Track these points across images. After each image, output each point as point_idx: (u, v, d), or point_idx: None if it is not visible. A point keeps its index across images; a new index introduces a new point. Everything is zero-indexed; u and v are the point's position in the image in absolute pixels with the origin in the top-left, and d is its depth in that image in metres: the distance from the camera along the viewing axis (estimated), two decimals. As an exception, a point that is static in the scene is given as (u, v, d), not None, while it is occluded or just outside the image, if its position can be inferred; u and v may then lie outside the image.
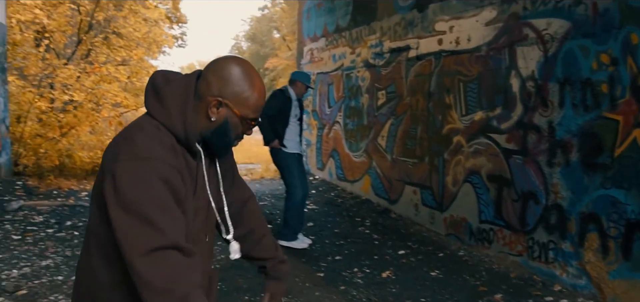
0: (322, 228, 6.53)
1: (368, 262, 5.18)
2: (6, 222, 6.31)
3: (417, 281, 4.71)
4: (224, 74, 1.51)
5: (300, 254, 5.46)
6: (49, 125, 10.19)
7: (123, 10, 14.41)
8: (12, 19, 10.80)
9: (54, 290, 4.33)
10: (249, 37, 59.03)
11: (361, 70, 8.37)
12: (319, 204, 7.89)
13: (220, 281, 4.52)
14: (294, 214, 5.71)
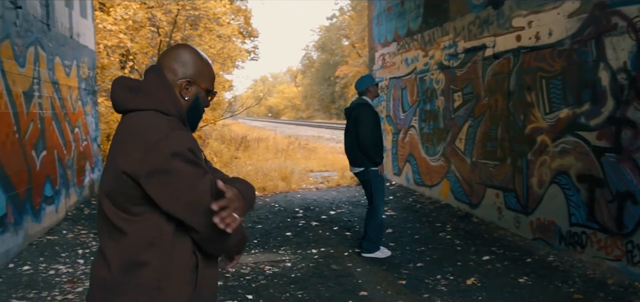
0: (401, 235, 6.42)
1: (451, 269, 5.03)
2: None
3: (505, 288, 4.51)
4: (184, 59, 1.78)
5: (381, 261, 5.39)
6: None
7: (198, 29, 14.98)
8: (100, 44, 11.51)
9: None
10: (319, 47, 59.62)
11: (435, 72, 8.20)
12: (398, 210, 7.78)
13: (301, 289, 4.56)
14: (377, 229, 5.66)
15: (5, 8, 5.62)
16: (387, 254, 5.64)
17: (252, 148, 17.17)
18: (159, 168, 1.56)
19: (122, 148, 1.64)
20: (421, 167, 8.82)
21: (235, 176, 1.88)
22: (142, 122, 1.65)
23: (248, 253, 5.86)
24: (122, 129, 1.69)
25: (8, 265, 5.31)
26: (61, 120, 7.61)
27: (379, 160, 5.58)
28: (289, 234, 6.66)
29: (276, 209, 8.25)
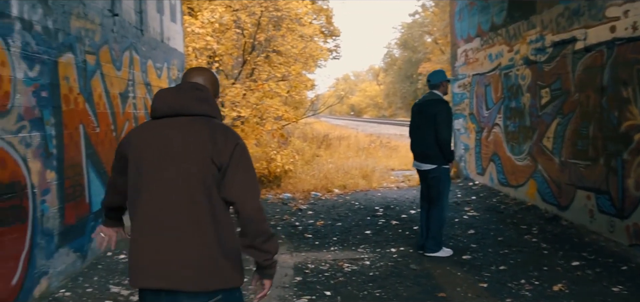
0: (484, 236, 6.23)
1: (536, 274, 4.81)
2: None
3: (596, 296, 4.25)
4: (214, 80, 2.33)
5: (461, 263, 5.26)
6: (221, 140, 11.15)
7: (281, 30, 15.26)
8: (188, 47, 12.06)
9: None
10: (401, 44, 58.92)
11: (521, 68, 7.87)
12: (480, 211, 7.55)
13: (379, 287, 4.55)
14: (441, 228, 5.57)
15: (104, 16, 6.05)
16: (449, 253, 5.53)
17: (333, 146, 17.31)
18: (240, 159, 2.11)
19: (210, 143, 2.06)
20: (506, 167, 8.50)
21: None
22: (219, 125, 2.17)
23: (327, 250, 5.93)
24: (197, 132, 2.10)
25: (107, 253, 5.72)
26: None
27: (452, 157, 5.54)
28: (369, 232, 6.66)
29: (356, 207, 8.28)
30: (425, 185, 5.67)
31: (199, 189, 2.05)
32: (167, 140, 2.10)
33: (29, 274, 4.28)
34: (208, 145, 2.05)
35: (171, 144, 2.09)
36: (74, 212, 5.20)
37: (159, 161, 2.09)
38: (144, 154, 2.13)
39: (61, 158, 4.95)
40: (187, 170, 2.05)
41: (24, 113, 4.32)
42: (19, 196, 4.21)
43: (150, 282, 2.04)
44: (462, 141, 10.73)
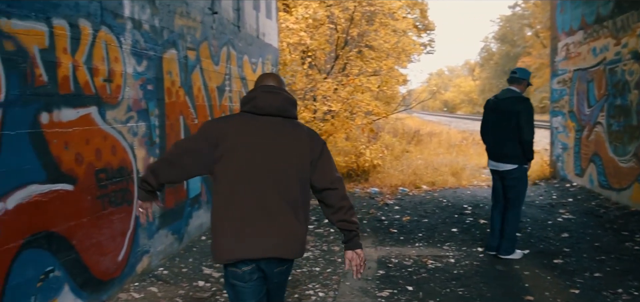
0: (579, 240, 5.93)
1: (637, 284, 4.51)
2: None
3: (702, 310, 3.95)
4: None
5: (552, 266, 5.06)
6: (312, 133, 11.40)
7: (374, 25, 15.28)
8: (282, 43, 12.42)
9: (312, 279, 4.87)
10: (499, 38, 56.73)
11: (628, 63, 7.35)
12: (577, 214, 7.18)
13: (463, 286, 4.50)
14: (516, 229, 5.39)
15: (204, 14, 6.43)
16: (522, 254, 5.36)
17: (424, 142, 17.10)
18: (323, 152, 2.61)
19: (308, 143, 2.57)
20: (608, 169, 8.00)
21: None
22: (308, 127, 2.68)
23: (412, 246, 5.93)
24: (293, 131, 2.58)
25: (201, 237, 6.11)
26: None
27: (533, 157, 5.33)
28: (455, 230, 6.57)
29: (444, 205, 8.17)
30: (501, 185, 5.41)
31: (296, 180, 2.52)
32: (273, 137, 2.53)
33: (133, 251, 4.69)
34: (306, 145, 2.56)
35: (277, 142, 2.53)
36: (173, 197, 5.59)
37: (265, 154, 2.49)
38: (248, 145, 2.50)
39: (163, 146, 5.34)
40: (289, 164, 2.51)
41: (132, 105, 4.72)
42: (126, 180, 4.62)
43: (254, 253, 2.45)
44: (559, 140, 10.21)
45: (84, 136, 4.00)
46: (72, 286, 3.81)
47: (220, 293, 4.53)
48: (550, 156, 10.76)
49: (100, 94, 4.21)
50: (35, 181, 3.45)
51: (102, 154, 4.23)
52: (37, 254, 3.45)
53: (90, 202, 4.05)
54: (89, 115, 4.09)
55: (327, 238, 6.31)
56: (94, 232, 4.08)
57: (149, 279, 4.76)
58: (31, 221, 3.40)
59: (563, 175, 9.91)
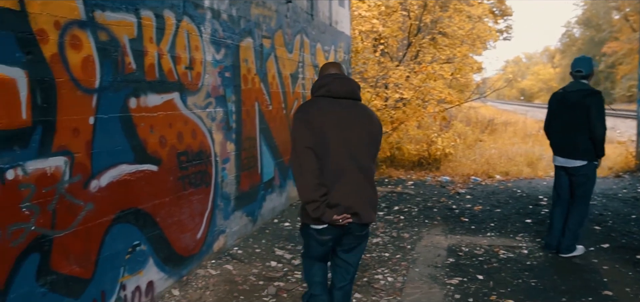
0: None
1: None
2: (347, 204, 7.41)
3: None
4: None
5: (635, 262, 4.82)
6: (383, 121, 11.40)
7: (448, 11, 14.99)
8: (355, 30, 12.46)
9: (381, 264, 4.94)
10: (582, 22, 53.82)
11: None
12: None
13: (536, 277, 4.42)
14: (581, 226, 5.09)
15: (279, 3, 6.60)
16: (583, 250, 5.12)
17: (498, 132, 16.65)
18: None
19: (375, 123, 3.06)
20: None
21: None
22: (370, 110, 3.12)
23: (483, 235, 5.85)
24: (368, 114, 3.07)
25: (273, 220, 6.32)
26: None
27: (603, 154, 4.98)
28: (529, 221, 6.41)
29: (518, 195, 7.96)
30: (568, 182, 5.12)
31: (368, 155, 3.02)
32: (349, 118, 2.98)
33: (210, 231, 4.94)
34: (376, 125, 3.08)
35: (353, 122, 2.97)
36: (248, 180, 5.82)
37: (346, 132, 2.93)
38: (333, 125, 2.91)
39: (239, 132, 5.57)
40: (364, 141, 2.99)
41: (211, 91, 4.96)
42: (205, 162, 4.87)
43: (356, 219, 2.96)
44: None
45: (167, 120, 4.26)
46: (156, 260, 4.09)
47: (291, 273, 4.69)
48: (636, 147, 10.17)
49: (182, 81, 4.46)
50: (125, 162, 3.73)
51: (183, 137, 4.49)
52: (125, 229, 3.74)
53: (173, 183, 4.32)
54: (172, 100, 4.35)
55: (396, 225, 6.34)
56: (175, 211, 4.35)
57: (225, 258, 5.00)
58: (121, 198, 3.68)
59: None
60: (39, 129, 2.98)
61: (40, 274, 3.01)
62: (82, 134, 3.33)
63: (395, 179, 9.40)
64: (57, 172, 3.12)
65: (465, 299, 4.10)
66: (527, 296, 4.11)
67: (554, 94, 5.29)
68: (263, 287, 4.39)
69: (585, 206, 5.08)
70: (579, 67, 5.04)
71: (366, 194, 2.98)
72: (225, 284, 4.45)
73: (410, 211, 7.03)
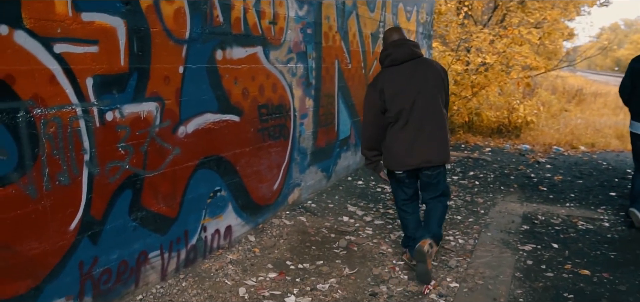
0: None
1: None
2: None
3: None
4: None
5: None
6: (463, 85, 11.15)
7: (540, -29, 14.22)
8: (439, -9, 12.13)
9: (452, 226, 4.95)
10: (694, -12, 49.06)
11: None
12: None
13: (616, 250, 4.28)
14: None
15: (361, -40, 6.57)
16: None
17: (586, 102, 15.78)
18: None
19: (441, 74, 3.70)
20: None
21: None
22: (434, 61, 3.72)
23: (562, 205, 5.68)
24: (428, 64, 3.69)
25: (347, 178, 6.44)
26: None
27: None
28: (614, 194, 6.13)
29: (603, 167, 7.61)
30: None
31: (439, 104, 3.63)
32: (414, 78, 3.59)
33: (287, 183, 5.14)
34: (439, 73, 3.67)
35: (418, 79, 3.59)
36: (325, 137, 5.95)
37: (414, 91, 3.57)
38: (401, 90, 3.57)
39: (318, 88, 5.69)
40: (435, 92, 3.61)
41: (292, 47, 5.08)
42: (284, 116, 5.04)
43: (420, 162, 3.63)
44: None
45: (250, 73, 4.43)
46: (235, 206, 4.34)
47: (363, 229, 4.81)
48: None
49: (266, 35, 4.60)
50: (209, 110, 3.95)
51: (264, 90, 4.66)
52: (208, 174, 3.98)
53: (253, 134, 4.52)
54: (256, 54, 4.51)
55: (471, 190, 6.28)
56: (254, 161, 4.56)
57: (299, 210, 5.19)
58: (205, 145, 3.91)
59: None
60: (134, 75, 3.23)
61: (132, 209, 3.29)
62: (172, 82, 3.55)
63: (472, 145, 9.23)
64: (150, 116, 3.37)
65: (537, 265, 4.05)
66: (605, 267, 3.99)
67: (635, 59, 5.00)
68: (335, 239, 4.54)
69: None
70: None
71: (441, 140, 3.63)
72: (299, 234, 4.64)
73: (486, 177, 6.92)
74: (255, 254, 4.19)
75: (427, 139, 3.60)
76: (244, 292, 3.55)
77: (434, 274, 3.90)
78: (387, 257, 4.22)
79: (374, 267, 4.01)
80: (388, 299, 3.51)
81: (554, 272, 3.92)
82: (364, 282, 3.77)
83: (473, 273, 3.90)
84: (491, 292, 3.60)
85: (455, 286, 3.70)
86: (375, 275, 3.88)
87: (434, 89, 3.60)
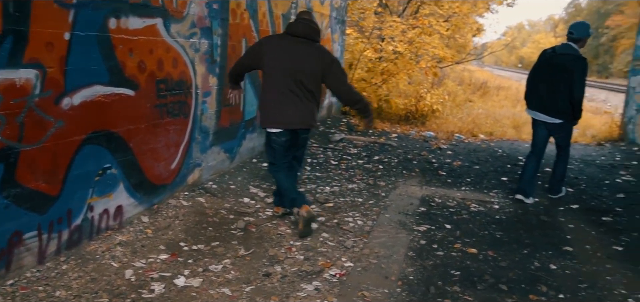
0: (634, 202, 5.68)
1: (686, 249, 4.35)
2: (329, 149, 7.46)
3: None
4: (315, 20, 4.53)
5: (599, 223, 4.93)
6: (374, 72, 11.35)
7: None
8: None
9: (353, 208, 5.01)
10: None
11: None
12: (638, 177, 6.85)
13: (502, 230, 4.51)
14: (565, 171, 5.68)
15: (271, -61, 6.45)
16: (565, 191, 5.76)
17: (489, 94, 16.63)
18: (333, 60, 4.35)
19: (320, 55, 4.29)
20: (681, 136, 7.52)
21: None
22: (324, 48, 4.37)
23: (458, 189, 5.92)
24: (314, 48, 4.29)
25: (252, 159, 6.35)
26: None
27: (580, 116, 5.34)
28: (505, 179, 6.48)
29: (498, 154, 8.03)
30: (547, 135, 5.49)
31: (312, 79, 4.22)
32: (300, 51, 4.21)
33: (186, 162, 4.96)
34: (319, 58, 4.24)
35: (302, 54, 4.21)
36: (229, 116, 5.81)
37: (293, 61, 4.16)
38: (284, 54, 4.18)
39: (223, 66, 5.52)
40: (307, 68, 4.19)
41: (196, 21, 4.89)
42: (185, 93, 4.85)
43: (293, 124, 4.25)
44: (635, 101, 9.62)
45: (148, 46, 4.21)
46: (127, 185, 4.12)
47: (263, 211, 4.76)
48: (622, 118, 10.20)
49: (167, 7, 4.39)
50: (100, 82, 3.71)
51: (163, 65, 4.45)
52: (96, 151, 3.74)
53: (149, 110, 4.31)
54: (155, 26, 4.29)
55: (374, 173, 6.40)
56: (150, 138, 4.36)
57: (198, 191, 5.05)
58: (93, 119, 3.67)
59: (633, 138, 9.40)
60: (9, 39, 2.95)
61: (4, 186, 3.02)
62: (56, 49, 3.29)
63: (380, 131, 9.42)
64: (28, 84, 3.11)
65: (430, 245, 4.18)
66: (490, 246, 4.20)
67: (544, 51, 5.53)
68: (233, 221, 4.45)
69: (568, 153, 5.62)
70: (572, 29, 5.28)
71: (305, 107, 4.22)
72: (196, 215, 4.51)
73: (390, 162, 7.08)
74: (148, 235, 4.02)
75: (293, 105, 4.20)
76: (130, 274, 3.38)
77: (330, 254, 3.92)
78: (285, 238, 4.20)
79: (271, 248, 3.97)
80: (281, 279, 3.48)
81: (444, 251, 4.06)
82: (259, 262, 3.72)
83: (368, 253, 3.96)
84: (384, 270, 3.67)
85: (349, 265, 3.74)
86: (271, 255, 3.84)
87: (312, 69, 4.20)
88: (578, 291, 3.50)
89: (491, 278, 3.62)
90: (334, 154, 7.24)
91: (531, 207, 5.35)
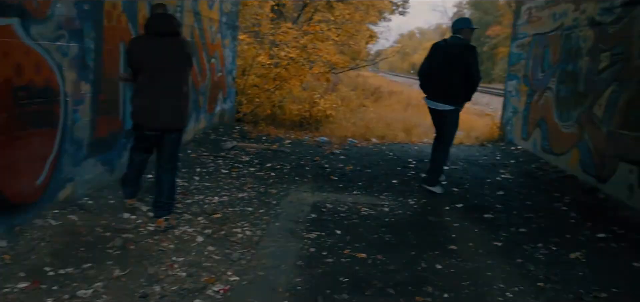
0: (512, 199, 6.01)
1: (556, 240, 4.62)
2: (220, 158, 7.19)
3: (613, 269, 4.05)
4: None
5: (481, 220, 5.13)
6: (266, 78, 11.19)
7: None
8: (244, -18, 12.00)
9: (242, 218, 4.81)
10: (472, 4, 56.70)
11: (584, 29, 7.35)
12: (515, 175, 7.28)
13: (391, 233, 4.50)
14: (445, 163, 6.17)
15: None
16: (441, 191, 6.00)
17: (382, 99, 17.10)
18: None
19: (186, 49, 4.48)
20: (551, 133, 8.11)
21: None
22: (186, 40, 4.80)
23: (349, 193, 5.91)
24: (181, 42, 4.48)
25: (135, 171, 5.91)
26: (199, 49, 8.17)
27: (470, 98, 5.95)
28: (395, 181, 6.59)
29: (389, 157, 8.19)
30: (438, 124, 6.00)
31: (181, 74, 4.37)
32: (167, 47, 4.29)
33: (55, 177, 4.49)
34: (185, 50, 4.38)
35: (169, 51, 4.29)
36: (106, 126, 5.38)
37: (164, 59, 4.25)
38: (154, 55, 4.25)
39: (98, 72, 5.09)
40: (178, 65, 4.35)
41: (64, 23, 4.44)
42: (52, 101, 4.39)
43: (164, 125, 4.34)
44: (511, 104, 10.30)
45: (2, 49, 3.75)
46: (-20, 206, 3.63)
47: (144, 226, 4.42)
48: (501, 119, 10.87)
49: (25, 6, 3.93)
50: (-61, 90, 3.22)
51: (23, 71, 3.99)
52: (-62, 168, 3.25)
53: (6, 120, 3.83)
54: (10, 27, 3.82)
55: (266, 181, 6.23)
56: (8, 152, 3.88)
57: (71, 208, 4.59)
58: None
59: (510, 138, 10.04)
60: None
61: None
62: None
63: (273, 137, 9.28)
64: None
65: (319, 252, 4.09)
66: (379, 250, 4.19)
67: (437, 43, 6.12)
68: (109, 239, 4.08)
69: (449, 145, 6.07)
70: (454, 25, 5.97)
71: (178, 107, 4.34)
72: (66, 235, 4.08)
73: (283, 168, 6.95)
74: (5, 262, 3.55)
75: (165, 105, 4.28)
76: (-22, 309, 2.95)
77: (215, 269, 3.70)
78: (167, 254, 3.91)
79: (150, 266, 3.67)
80: (160, 300, 3.21)
81: (333, 258, 3.98)
82: (136, 283, 3.41)
83: (255, 265, 3.78)
84: (271, 282, 3.51)
85: (235, 279, 3.54)
86: (150, 274, 3.54)
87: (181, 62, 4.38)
88: (461, 289, 3.56)
89: (379, 282, 3.59)
90: (225, 162, 6.99)
91: (419, 208, 5.45)
